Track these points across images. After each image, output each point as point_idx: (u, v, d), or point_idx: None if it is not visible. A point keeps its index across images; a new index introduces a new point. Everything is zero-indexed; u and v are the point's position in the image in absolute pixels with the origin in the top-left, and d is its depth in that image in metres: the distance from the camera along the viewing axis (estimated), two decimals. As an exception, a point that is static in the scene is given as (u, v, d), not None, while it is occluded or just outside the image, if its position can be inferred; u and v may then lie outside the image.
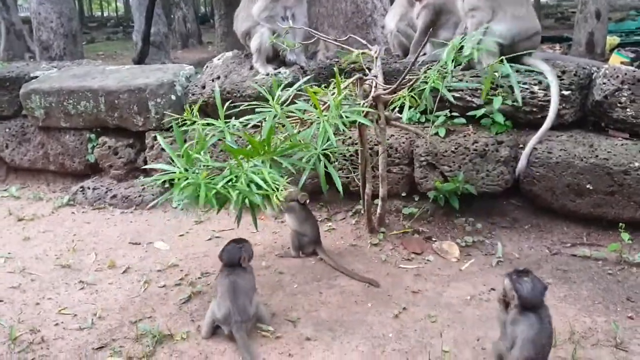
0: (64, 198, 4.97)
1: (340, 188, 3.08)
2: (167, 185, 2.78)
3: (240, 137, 3.46)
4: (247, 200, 2.70)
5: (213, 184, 2.68)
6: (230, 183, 2.70)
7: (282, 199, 2.71)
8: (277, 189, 2.69)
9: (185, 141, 2.86)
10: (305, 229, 3.69)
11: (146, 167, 3.96)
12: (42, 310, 3.25)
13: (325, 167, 3.03)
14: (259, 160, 2.82)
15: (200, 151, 2.89)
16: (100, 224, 4.47)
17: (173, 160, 2.84)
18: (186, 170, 2.75)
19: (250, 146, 2.82)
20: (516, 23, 4.00)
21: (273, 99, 3.17)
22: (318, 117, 3.02)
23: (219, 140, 3.19)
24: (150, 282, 3.51)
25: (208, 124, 3.20)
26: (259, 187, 2.68)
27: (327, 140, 2.98)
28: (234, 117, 3.29)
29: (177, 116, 3.35)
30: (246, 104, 3.36)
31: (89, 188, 5.00)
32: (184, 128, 3.21)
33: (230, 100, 4.14)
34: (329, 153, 3.08)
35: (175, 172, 2.76)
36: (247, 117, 3.25)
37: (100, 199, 4.88)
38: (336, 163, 4.01)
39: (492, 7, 4.00)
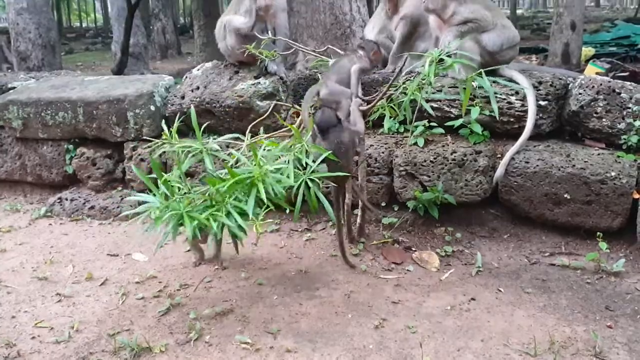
0: (41, 210, 4.91)
1: (332, 216, 3.33)
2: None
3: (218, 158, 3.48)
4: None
5: (194, 212, 2.74)
6: (210, 212, 2.79)
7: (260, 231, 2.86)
8: (257, 217, 2.86)
9: (165, 163, 2.97)
10: None
11: (137, 198, 3.86)
12: (18, 323, 3.19)
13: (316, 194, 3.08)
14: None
15: (179, 178, 2.97)
16: (77, 236, 4.42)
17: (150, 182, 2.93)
18: (166, 198, 2.81)
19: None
20: (504, 32, 4.14)
21: (252, 110, 3.22)
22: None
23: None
24: (128, 294, 3.47)
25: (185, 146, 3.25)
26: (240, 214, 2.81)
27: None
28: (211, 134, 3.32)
29: (156, 140, 3.37)
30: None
31: (66, 199, 4.95)
32: (162, 145, 3.23)
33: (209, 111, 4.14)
34: (314, 178, 3.10)
35: (155, 204, 2.83)
36: (225, 136, 3.28)
37: (78, 210, 4.83)
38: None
39: (491, 18, 4.10)
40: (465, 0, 4.12)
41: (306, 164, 3.08)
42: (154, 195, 3.04)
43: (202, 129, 3.35)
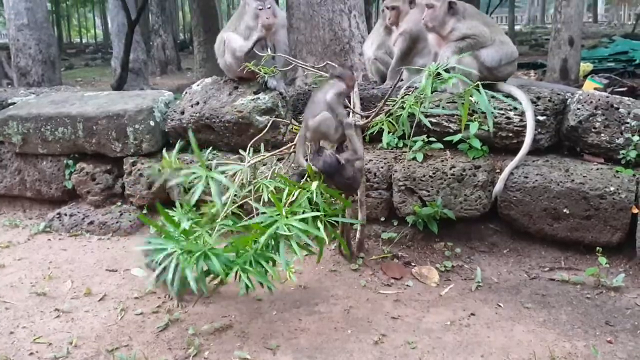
0: (40, 225, 4.90)
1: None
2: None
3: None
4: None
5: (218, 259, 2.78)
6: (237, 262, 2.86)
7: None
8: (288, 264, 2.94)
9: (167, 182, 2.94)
10: None
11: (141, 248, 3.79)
12: (16, 339, 3.18)
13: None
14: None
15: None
16: (76, 251, 4.41)
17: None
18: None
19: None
20: (502, 48, 4.17)
21: (252, 125, 3.20)
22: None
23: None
24: (127, 309, 3.46)
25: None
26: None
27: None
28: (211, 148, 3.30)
29: (155, 165, 3.37)
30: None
31: (65, 214, 4.94)
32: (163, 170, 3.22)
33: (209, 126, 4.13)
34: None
35: (171, 248, 2.84)
36: (225, 167, 3.24)
37: (77, 226, 4.82)
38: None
39: (489, 34, 4.13)
40: (464, 17, 4.15)
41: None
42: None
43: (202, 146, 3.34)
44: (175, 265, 2.75)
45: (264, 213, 3.02)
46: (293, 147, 3.72)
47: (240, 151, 3.68)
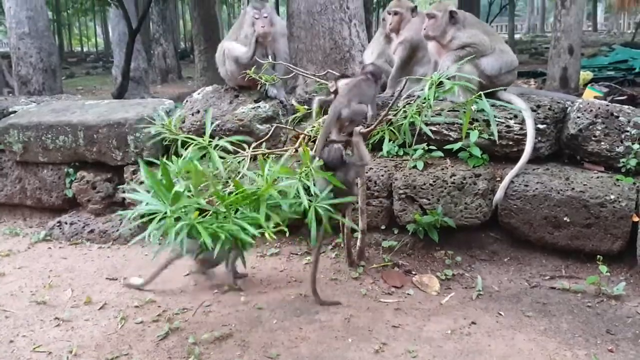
0: (40, 233, 4.90)
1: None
2: (145, 219, 2.72)
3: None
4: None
5: (206, 224, 2.68)
6: (219, 224, 2.73)
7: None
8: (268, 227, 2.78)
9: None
10: None
11: (125, 195, 3.85)
12: (16, 348, 3.17)
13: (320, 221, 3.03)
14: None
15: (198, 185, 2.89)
16: (77, 260, 4.41)
17: (155, 193, 2.79)
18: (173, 209, 2.72)
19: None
20: (502, 56, 4.19)
21: (252, 133, 3.19)
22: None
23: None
24: (127, 318, 3.45)
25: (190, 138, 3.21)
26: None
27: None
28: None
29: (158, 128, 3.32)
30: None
31: (66, 223, 4.94)
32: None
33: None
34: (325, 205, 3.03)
35: (159, 208, 2.72)
36: (231, 138, 3.26)
37: (78, 234, 4.82)
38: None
39: (489, 42, 4.15)
40: (464, 26, 4.17)
41: (308, 188, 3.06)
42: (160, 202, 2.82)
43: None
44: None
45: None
46: (294, 146, 3.74)
47: (246, 138, 3.68)
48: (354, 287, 3.72)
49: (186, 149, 3.25)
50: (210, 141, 3.21)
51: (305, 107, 4.50)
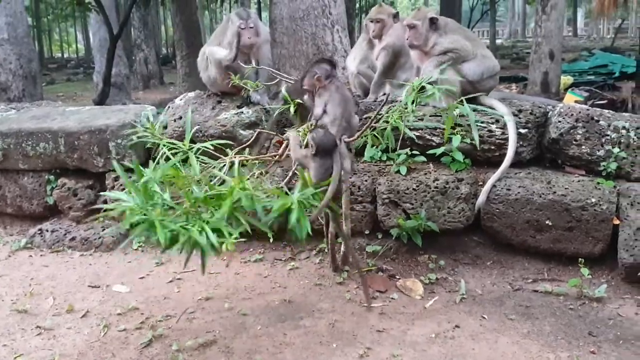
0: (21, 241, 4.84)
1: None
2: (128, 227, 2.68)
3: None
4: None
5: (167, 222, 2.61)
6: (181, 224, 2.64)
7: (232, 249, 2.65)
8: (230, 235, 2.62)
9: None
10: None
11: (104, 193, 3.76)
12: (-4, 358, 3.13)
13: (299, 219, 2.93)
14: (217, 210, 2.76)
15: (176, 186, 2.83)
16: (58, 267, 4.36)
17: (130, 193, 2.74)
18: (141, 204, 2.67)
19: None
20: (484, 62, 4.23)
21: (235, 139, 3.15)
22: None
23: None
24: (109, 326, 3.42)
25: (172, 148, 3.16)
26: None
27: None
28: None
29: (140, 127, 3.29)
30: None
31: (47, 230, 4.89)
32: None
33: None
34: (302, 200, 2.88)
35: (129, 204, 2.67)
36: (212, 142, 3.21)
37: (59, 242, 4.77)
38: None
39: (471, 48, 4.19)
40: (446, 32, 4.21)
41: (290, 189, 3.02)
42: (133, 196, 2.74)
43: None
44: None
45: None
46: (276, 155, 3.74)
47: (228, 142, 3.66)
48: (339, 292, 3.72)
49: (165, 158, 3.21)
50: (191, 146, 3.18)
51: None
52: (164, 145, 3.24)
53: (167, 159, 3.12)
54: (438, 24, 4.20)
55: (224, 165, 3.49)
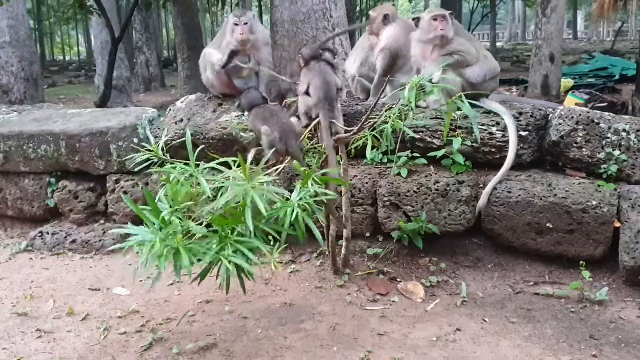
0: (21, 244, 4.84)
1: (321, 241, 3.00)
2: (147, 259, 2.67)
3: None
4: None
5: (193, 247, 2.60)
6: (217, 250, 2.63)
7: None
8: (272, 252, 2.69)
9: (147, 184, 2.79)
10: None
11: (113, 231, 3.66)
12: (-4, 361, 3.13)
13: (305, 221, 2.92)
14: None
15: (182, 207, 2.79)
16: (59, 270, 4.36)
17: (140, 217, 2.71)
18: (162, 235, 2.66)
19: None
20: (486, 64, 4.24)
21: (236, 141, 3.12)
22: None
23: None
24: (110, 329, 3.42)
25: (175, 166, 3.09)
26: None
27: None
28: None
29: (145, 153, 3.27)
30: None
31: (48, 233, 4.89)
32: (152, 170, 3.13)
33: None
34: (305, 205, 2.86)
35: (150, 237, 2.66)
36: (214, 162, 3.17)
37: (60, 245, 4.77)
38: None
39: (475, 52, 4.19)
40: (457, 33, 4.22)
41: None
42: (146, 226, 2.80)
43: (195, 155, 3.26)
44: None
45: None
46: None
47: (230, 160, 3.63)
48: (340, 295, 3.71)
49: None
50: (197, 164, 3.09)
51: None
52: (170, 163, 3.15)
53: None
54: (455, 22, 4.24)
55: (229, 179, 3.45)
